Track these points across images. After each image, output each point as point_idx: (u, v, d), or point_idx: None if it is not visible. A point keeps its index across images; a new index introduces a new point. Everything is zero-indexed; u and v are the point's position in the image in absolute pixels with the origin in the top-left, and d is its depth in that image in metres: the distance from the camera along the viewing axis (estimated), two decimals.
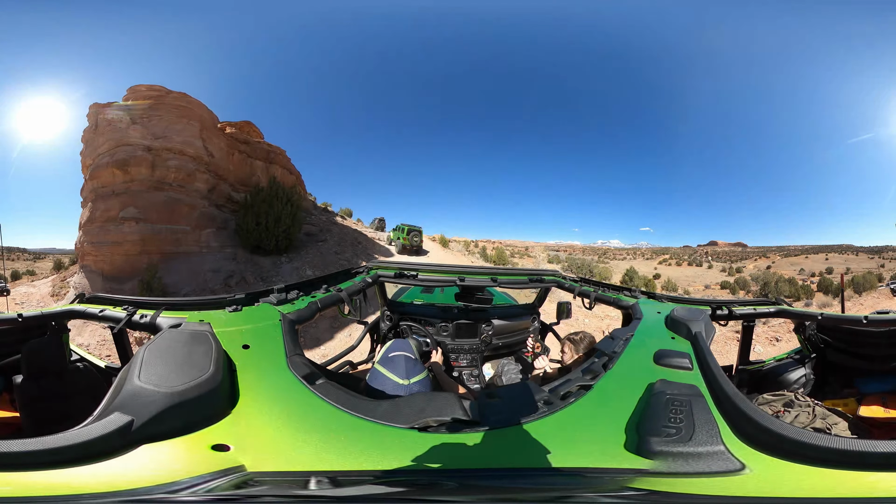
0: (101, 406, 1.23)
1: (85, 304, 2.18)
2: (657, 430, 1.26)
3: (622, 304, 2.99)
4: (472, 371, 4.06)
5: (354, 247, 23.46)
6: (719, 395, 1.43)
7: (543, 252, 60.13)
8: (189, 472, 1.07)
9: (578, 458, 1.23)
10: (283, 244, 19.16)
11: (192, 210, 18.08)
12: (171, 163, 18.01)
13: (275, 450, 1.20)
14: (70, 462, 1.04)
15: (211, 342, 1.47)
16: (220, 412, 1.28)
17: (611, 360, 1.84)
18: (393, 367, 1.99)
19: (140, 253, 16.16)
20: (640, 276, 48.29)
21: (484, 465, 1.20)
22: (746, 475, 1.12)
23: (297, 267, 18.13)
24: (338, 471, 1.14)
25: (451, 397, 1.45)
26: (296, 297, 2.30)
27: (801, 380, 3.12)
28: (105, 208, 16.84)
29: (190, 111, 20.22)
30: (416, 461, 1.17)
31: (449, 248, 34.80)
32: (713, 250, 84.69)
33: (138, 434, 1.12)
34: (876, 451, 1.08)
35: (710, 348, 1.84)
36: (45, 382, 2.34)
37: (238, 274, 16.43)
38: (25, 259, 53.70)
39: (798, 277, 49.30)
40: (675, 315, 2.21)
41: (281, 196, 19.89)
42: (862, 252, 62.39)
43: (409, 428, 1.29)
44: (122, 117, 18.45)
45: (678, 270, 69.40)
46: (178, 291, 14.79)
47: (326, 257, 19.99)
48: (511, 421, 1.35)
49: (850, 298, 28.47)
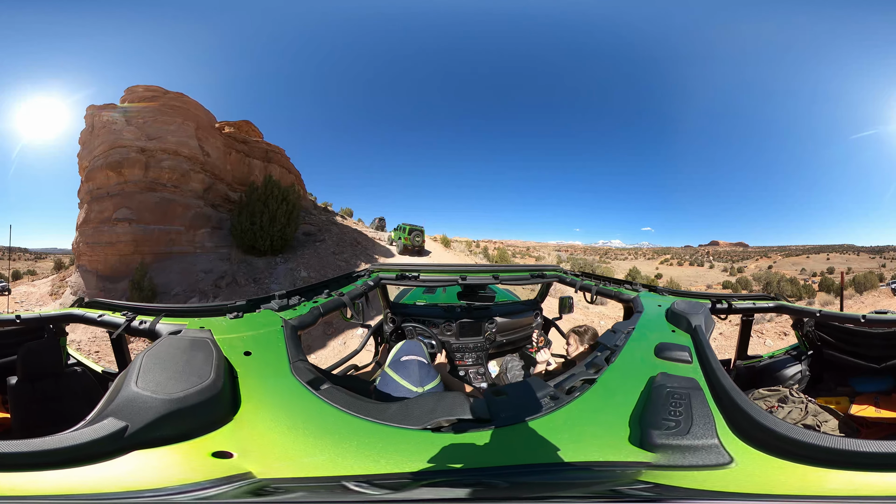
0: (95, 410, 1.21)
1: (84, 309, 2.16)
2: (658, 422, 1.27)
3: (623, 298, 3.00)
4: (477, 369, 4.07)
5: (353, 247, 23.04)
6: (717, 389, 1.45)
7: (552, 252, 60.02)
8: (185, 479, 1.05)
9: (587, 452, 1.24)
10: (278, 244, 18.81)
11: (187, 210, 18.15)
12: (165, 163, 18.10)
13: (284, 456, 1.18)
14: (58, 464, 1.03)
15: (211, 349, 1.46)
16: (220, 419, 1.26)
17: (613, 353, 1.85)
18: (406, 374, 1.89)
19: (133, 253, 16.41)
20: (642, 277, 48.39)
21: (500, 462, 1.20)
22: (732, 469, 1.13)
23: (292, 268, 17.78)
24: (371, 474, 1.12)
25: (460, 396, 1.44)
26: (297, 302, 2.29)
27: (797, 376, 3.13)
28: (99, 209, 17.12)
29: (186, 111, 20.24)
30: (434, 461, 1.17)
31: (451, 249, 34.50)
32: (714, 250, 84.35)
33: (132, 440, 1.10)
34: (860, 450, 1.08)
35: (709, 342, 1.85)
36: (40, 385, 2.34)
37: (230, 275, 16.35)
38: (26, 259, 54.15)
39: (800, 277, 49.37)
40: (676, 308, 2.23)
41: (276, 195, 19.52)
42: (863, 252, 62.44)
43: (422, 429, 1.28)
44: (117, 119, 18.56)
45: (680, 270, 69.34)
46: (169, 291, 14.90)
47: (323, 258, 19.54)
48: (520, 418, 1.36)
49: (852, 297, 28.48)
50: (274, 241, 18.65)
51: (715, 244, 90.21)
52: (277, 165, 28.19)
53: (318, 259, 19.20)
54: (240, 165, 23.79)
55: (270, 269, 17.60)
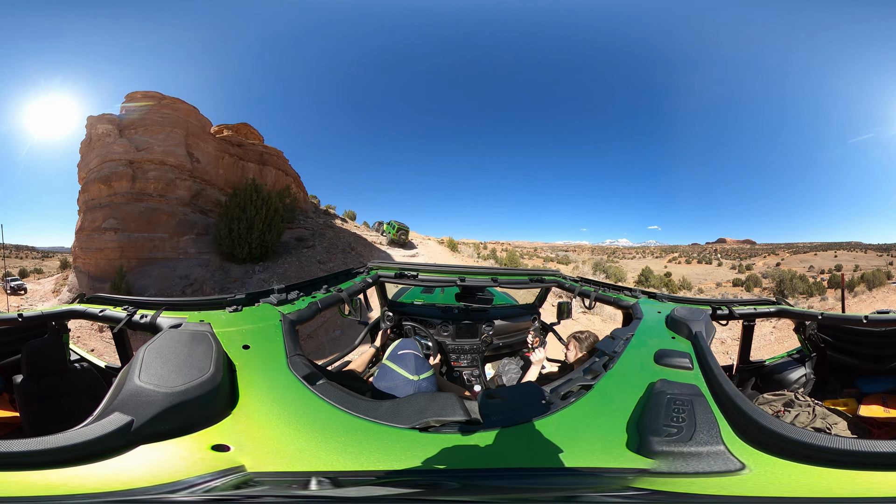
0: (101, 406, 1.23)
1: (85, 304, 2.18)
2: (658, 429, 1.26)
3: (622, 304, 2.99)
4: (472, 371, 4.04)
5: (345, 254, 22.18)
6: (720, 395, 1.43)
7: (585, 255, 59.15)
8: (189, 473, 1.07)
9: (579, 457, 1.23)
10: (257, 252, 18.20)
11: (171, 218, 18.98)
12: (151, 174, 19.03)
13: (275, 450, 1.19)
14: (69, 462, 1.05)
15: (211, 342, 1.48)
16: (220, 413, 1.28)
17: (611, 359, 1.83)
18: (403, 364, 2.01)
19: (120, 258, 17.54)
20: (655, 276, 47.95)
21: (485, 465, 1.20)
22: (746, 475, 1.12)
23: (265, 279, 17.05)
24: (339, 471, 1.14)
25: (451, 398, 1.44)
26: (296, 297, 2.30)
27: (802, 379, 3.10)
28: (92, 219, 18.38)
29: (175, 119, 20.82)
30: (416, 461, 1.17)
31: (458, 252, 33.62)
32: (722, 247, 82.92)
33: (138, 434, 1.12)
34: (876, 450, 1.08)
35: (710, 348, 1.84)
36: (46, 382, 2.35)
37: (199, 282, 16.76)
38: (34, 258, 55.41)
39: (808, 275, 48.48)
40: (676, 315, 2.22)
41: (255, 200, 18.73)
42: (870, 249, 60.97)
43: (410, 428, 1.29)
44: (111, 131, 19.51)
45: (688, 268, 68.43)
46: (144, 293, 15.77)
47: (305, 267, 18.58)
48: (512, 421, 1.35)
49: (862, 293, 29.46)
50: (253, 249, 18.14)
51: (722, 241, 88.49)
52: (273, 168, 28.31)
53: (299, 269, 18.38)
54: (233, 169, 24.04)
55: (247, 277, 17.35)
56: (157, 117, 20.21)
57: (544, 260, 62.56)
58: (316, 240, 22.62)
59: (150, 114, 20.19)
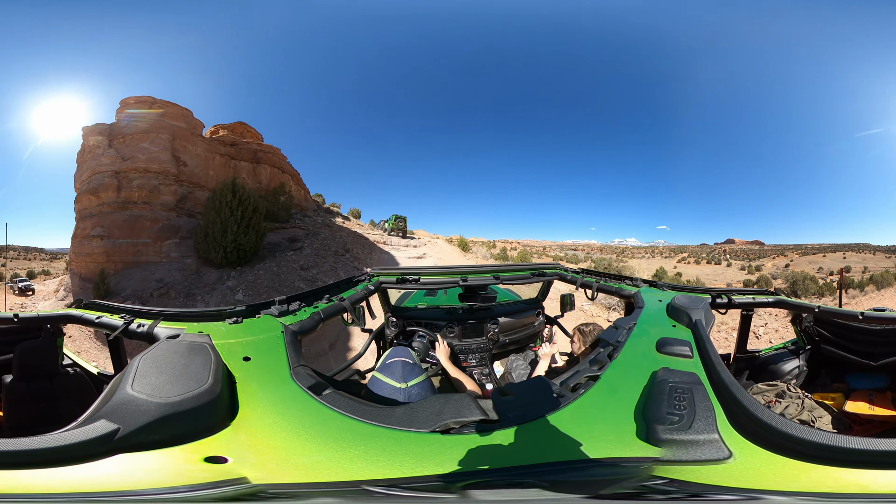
0: (88, 412, 1.20)
1: (82, 310, 2.15)
2: (662, 417, 1.26)
3: (624, 294, 3.01)
4: (482, 370, 4.00)
5: (336, 257, 20.08)
6: (717, 383, 1.44)
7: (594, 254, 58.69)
8: (172, 482, 1.04)
9: (598, 448, 1.22)
10: (232, 256, 17.38)
11: (154, 224, 19.89)
12: (135, 182, 20.04)
13: (286, 462, 1.16)
14: (42, 464, 1.03)
15: (210, 354, 1.45)
16: (217, 425, 1.24)
17: (615, 349, 1.84)
18: (389, 373, 1.99)
19: (106, 262, 18.64)
20: (668, 277, 47.38)
21: (517, 462, 1.19)
22: (731, 464, 1.13)
23: (232, 287, 15.84)
24: (395, 478, 1.11)
25: (466, 398, 1.44)
26: (298, 307, 2.28)
27: (795, 371, 3.12)
28: (83, 227, 19.74)
29: (160, 124, 21.27)
30: (451, 464, 1.16)
31: (471, 252, 32.49)
32: (731, 248, 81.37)
33: (122, 443, 1.09)
34: (849, 447, 1.09)
35: (709, 336, 1.87)
36: (35, 385, 2.33)
37: (167, 286, 17.04)
38: (42, 259, 56.83)
39: (818, 276, 47.81)
40: (676, 303, 2.24)
41: (230, 201, 17.78)
42: (879, 251, 60.08)
43: (431, 432, 1.27)
44: (100, 142, 20.58)
45: (699, 269, 67.50)
46: (121, 293, 16.80)
47: (282, 276, 16.88)
48: (528, 417, 1.34)
49: (872, 293, 30.34)
50: (228, 253, 17.43)
51: (731, 242, 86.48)
52: (268, 165, 28.23)
53: (276, 278, 16.80)
54: (224, 169, 24.24)
55: (220, 282, 16.67)
56: (143, 124, 21.00)
57: (553, 259, 62.03)
58: (308, 241, 21.56)
59: (137, 121, 21.04)
